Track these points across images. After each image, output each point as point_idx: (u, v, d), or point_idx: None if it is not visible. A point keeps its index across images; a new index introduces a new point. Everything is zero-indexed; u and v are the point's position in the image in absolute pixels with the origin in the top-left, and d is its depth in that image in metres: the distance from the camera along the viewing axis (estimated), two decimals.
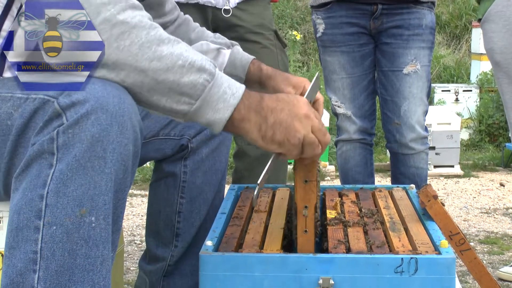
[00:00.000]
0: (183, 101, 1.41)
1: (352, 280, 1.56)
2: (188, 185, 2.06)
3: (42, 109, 1.37)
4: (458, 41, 9.06)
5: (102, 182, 1.35)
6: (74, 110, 1.34)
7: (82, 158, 1.33)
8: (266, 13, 3.01)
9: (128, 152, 1.38)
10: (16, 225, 1.35)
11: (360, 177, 3.15)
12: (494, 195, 5.07)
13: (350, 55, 3.07)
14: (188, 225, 2.07)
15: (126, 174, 1.40)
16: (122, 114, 1.36)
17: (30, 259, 1.33)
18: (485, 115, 6.85)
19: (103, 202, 1.35)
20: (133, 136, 1.39)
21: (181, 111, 1.42)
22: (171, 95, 1.40)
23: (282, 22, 8.96)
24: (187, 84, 1.40)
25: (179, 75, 1.39)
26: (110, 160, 1.35)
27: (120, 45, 1.37)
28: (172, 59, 1.39)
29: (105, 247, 1.37)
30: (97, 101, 1.34)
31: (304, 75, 8.01)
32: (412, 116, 3.02)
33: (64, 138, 1.33)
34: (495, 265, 3.45)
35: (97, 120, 1.34)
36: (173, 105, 1.41)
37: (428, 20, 3.03)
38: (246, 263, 1.57)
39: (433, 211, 1.81)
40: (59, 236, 1.33)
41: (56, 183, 1.33)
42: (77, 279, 1.34)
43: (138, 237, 3.94)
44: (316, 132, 1.48)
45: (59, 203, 1.33)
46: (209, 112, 1.42)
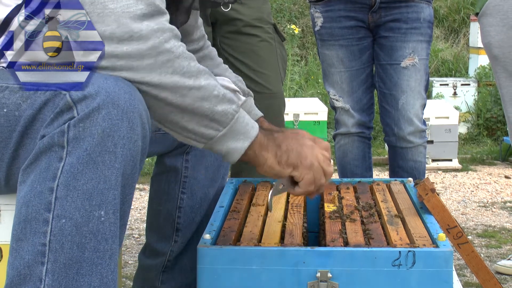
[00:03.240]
0: (211, 126, 1.49)
1: (350, 273, 1.57)
2: (189, 180, 2.06)
3: (52, 101, 1.38)
4: (456, 35, 9.05)
5: (112, 177, 1.36)
6: (85, 103, 1.35)
7: (93, 152, 1.34)
8: (264, 7, 3.01)
9: (137, 148, 1.40)
10: (25, 217, 1.35)
11: (358, 171, 3.15)
12: (492, 189, 5.07)
13: (348, 49, 3.08)
14: (188, 220, 2.07)
15: (134, 169, 1.41)
16: (132, 110, 1.37)
17: (39, 251, 1.34)
18: (483, 109, 6.85)
19: (113, 197, 1.36)
20: (142, 133, 1.41)
21: (207, 135, 1.50)
22: (202, 119, 1.48)
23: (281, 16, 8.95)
24: (219, 112, 1.48)
25: (213, 104, 1.48)
26: (120, 155, 1.36)
27: (163, 71, 1.43)
28: (209, 89, 1.47)
29: (113, 241, 1.37)
30: (109, 96, 1.35)
31: (302, 69, 8.01)
32: (410, 109, 3.03)
33: (75, 132, 1.34)
34: (493, 258, 3.46)
35: (108, 114, 1.35)
36: (202, 128, 1.49)
37: (426, 14, 3.03)
38: (244, 256, 1.58)
39: (431, 204, 1.81)
40: (68, 229, 1.34)
41: (66, 176, 1.34)
42: (85, 272, 1.34)
43: (136, 231, 3.94)
44: (320, 162, 1.61)
45: (69, 196, 1.34)
46: (230, 140, 1.51)
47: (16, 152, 1.43)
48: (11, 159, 1.45)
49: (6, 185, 1.50)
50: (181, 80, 1.44)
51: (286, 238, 1.70)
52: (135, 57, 1.41)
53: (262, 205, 1.94)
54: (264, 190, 2.08)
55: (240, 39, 2.95)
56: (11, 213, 1.53)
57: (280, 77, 3.05)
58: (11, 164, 1.45)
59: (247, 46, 2.89)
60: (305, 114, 5.52)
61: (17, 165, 1.44)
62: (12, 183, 1.47)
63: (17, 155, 1.44)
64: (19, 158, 1.43)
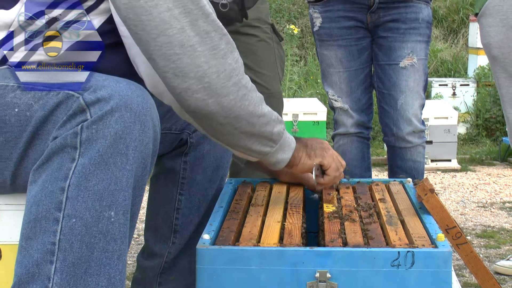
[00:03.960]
0: (269, 144, 1.70)
1: (349, 274, 1.56)
2: (187, 181, 2.06)
3: (65, 104, 1.39)
4: (455, 35, 9.06)
5: (123, 178, 1.37)
6: (98, 106, 1.37)
7: (105, 153, 1.36)
8: (263, 7, 3.01)
9: (148, 150, 1.42)
10: (35, 216, 1.36)
11: (357, 171, 3.15)
12: (491, 189, 5.07)
13: (347, 49, 3.08)
14: (186, 222, 2.06)
15: (145, 171, 1.43)
16: (145, 113, 1.39)
17: (48, 250, 1.35)
18: (482, 109, 6.85)
19: (123, 198, 1.37)
20: (153, 136, 1.43)
21: (264, 152, 1.70)
22: (262, 140, 1.67)
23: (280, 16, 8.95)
24: (276, 133, 1.69)
25: (272, 126, 1.67)
26: (131, 157, 1.38)
27: (243, 104, 1.56)
28: (270, 115, 1.66)
29: (123, 242, 1.38)
30: (122, 99, 1.37)
31: (301, 69, 8.01)
32: (409, 109, 3.03)
33: (87, 133, 1.36)
34: (492, 259, 3.46)
35: (121, 117, 1.37)
36: (259, 146, 1.68)
37: (424, 14, 3.03)
38: (243, 256, 1.58)
39: (430, 204, 1.81)
40: (78, 228, 1.35)
41: (78, 176, 1.35)
42: (93, 272, 1.35)
43: (136, 231, 3.94)
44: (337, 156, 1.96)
45: (80, 196, 1.35)
46: (280, 153, 1.74)
47: (25, 152, 1.44)
48: (20, 159, 1.45)
49: (12, 185, 1.50)
50: (254, 110, 1.59)
51: (285, 238, 1.69)
52: (222, 94, 1.50)
53: (261, 205, 1.94)
54: (263, 191, 2.07)
55: (238, 39, 2.94)
56: (11, 213, 1.53)
57: (279, 77, 3.05)
58: (19, 164, 1.46)
59: (245, 46, 2.89)
60: (304, 114, 5.52)
61: (25, 165, 1.45)
62: (18, 183, 1.48)
63: (26, 155, 1.45)
64: (28, 159, 1.44)
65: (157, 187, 2.09)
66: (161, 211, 2.08)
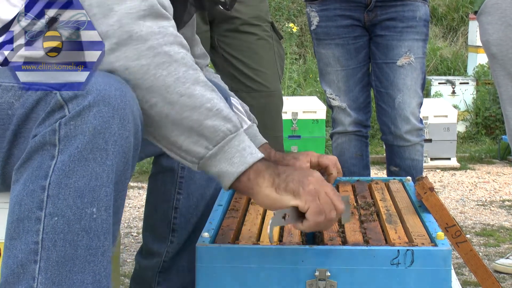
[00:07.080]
0: (201, 143, 1.44)
1: (348, 272, 1.57)
2: (185, 180, 2.05)
3: (44, 100, 1.38)
4: (454, 33, 9.06)
5: (103, 174, 1.36)
6: (76, 102, 1.35)
7: (84, 149, 1.34)
8: (262, 5, 3.02)
9: (129, 144, 1.40)
10: (17, 216, 1.36)
11: (355, 169, 3.16)
12: (491, 188, 5.07)
13: (344, 48, 3.08)
14: (184, 221, 2.06)
15: (127, 166, 1.41)
16: (123, 107, 1.37)
17: (31, 250, 1.34)
18: (481, 108, 6.85)
19: (105, 194, 1.36)
20: (134, 129, 1.40)
21: (197, 153, 1.45)
22: (190, 134, 1.43)
23: (279, 15, 8.95)
24: (208, 128, 1.43)
25: (203, 116, 1.43)
26: (111, 152, 1.36)
27: (157, 73, 1.41)
28: (202, 100, 1.43)
29: (106, 238, 1.38)
30: (99, 93, 1.36)
31: (300, 67, 8.00)
32: (406, 108, 3.03)
33: (66, 130, 1.34)
34: (491, 257, 3.46)
35: (99, 112, 1.35)
36: (190, 145, 1.44)
37: (422, 13, 3.04)
38: (242, 255, 1.58)
39: (429, 203, 1.81)
40: (60, 227, 1.34)
41: (58, 174, 1.34)
42: (78, 269, 1.34)
43: (135, 229, 3.94)
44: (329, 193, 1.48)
45: (61, 194, 1.34)
46: (223, 163, 1.45)
47: (10, 151, 1.44)
48: (6, 158, 1.45)
49: (2, 184, 1.50)
50: (173, 85, 1.42)
51: (284, 237, 1.70)
52: (132, 58, 1.41)
53: None
54: None
55: (238, 37, 2.95)
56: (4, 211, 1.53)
57: (278, 75, 3.05)
58: (5, 163, 1.46)
59: (245, 44, 2.89)
60: (304, 113, 5.52)
61: (11, 164, 1.44)
62: (8, 182, 1.47)
63: (11, 154, 1.44)
64: (13, 157, 1.43)
65: (155, 186, 2.09)
66: (159, 210, 2.08)
